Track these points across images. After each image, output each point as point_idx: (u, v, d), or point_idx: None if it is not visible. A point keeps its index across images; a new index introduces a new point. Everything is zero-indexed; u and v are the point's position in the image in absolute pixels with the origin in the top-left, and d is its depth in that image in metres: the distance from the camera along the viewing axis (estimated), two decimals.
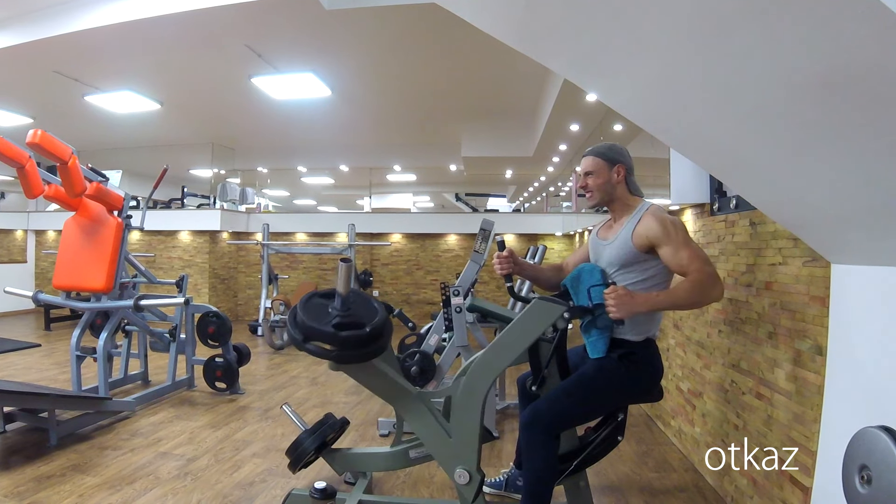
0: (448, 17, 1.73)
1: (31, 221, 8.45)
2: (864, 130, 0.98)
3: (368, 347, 1.67)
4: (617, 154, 1.85)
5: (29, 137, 2.77)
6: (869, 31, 0.77)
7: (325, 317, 1.66)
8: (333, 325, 1.62)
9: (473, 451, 1.73)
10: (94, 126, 7.04)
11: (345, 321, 1.64)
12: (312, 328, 1.60)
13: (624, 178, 1.84)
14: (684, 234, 1.67)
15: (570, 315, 1.64)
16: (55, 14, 4.24)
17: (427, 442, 1.81)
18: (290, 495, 2.06)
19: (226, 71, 5.29)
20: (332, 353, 1.63)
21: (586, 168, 1.87)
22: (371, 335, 1.65)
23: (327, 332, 1.59)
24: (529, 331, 1.65)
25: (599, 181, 1.84)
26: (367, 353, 1.67)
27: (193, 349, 4.01)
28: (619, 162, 1.84)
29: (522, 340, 1.66)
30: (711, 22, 0.96)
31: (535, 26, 1.33)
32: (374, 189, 10.22)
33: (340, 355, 1.64)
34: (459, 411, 1.74)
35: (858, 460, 1.18)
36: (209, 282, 7.53)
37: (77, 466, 2.51)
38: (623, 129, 5.01)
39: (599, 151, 1.86)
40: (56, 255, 3.44)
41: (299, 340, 1.60)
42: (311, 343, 1.61)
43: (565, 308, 1.63)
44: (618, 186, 1.84)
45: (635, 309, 1.60)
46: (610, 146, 1.88)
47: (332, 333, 1.59)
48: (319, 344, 1.63)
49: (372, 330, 1.65)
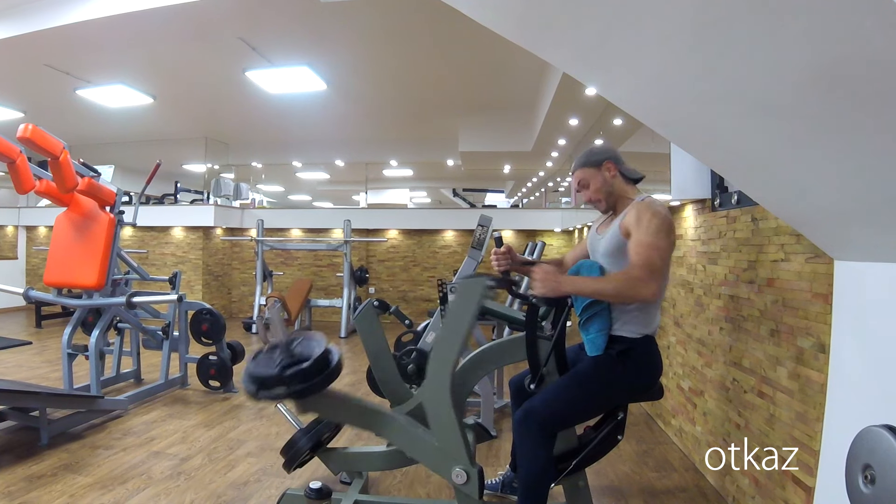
0: (445, 9, 1.70)
1: (21, 217, 8.37)
2: (868, 125, 0.96)
3: (316, 378, 1.72)
4: (599, 153, 1.84)
5: (20, 132, 2.74)
6: (873, 24, 0.75)
7: (271, 364, 1.72)
8: (279, 367, 1.68)
9: (461, 448, 1.70)
10: (86, 120, 6.97)
11: (290, 362, 1.70)
12: (260, 377, 1.66)
13: (617, 171, 1.83)
14: (655, 228, 1.62)
15: (494, 284, 1.67)
16: (46, 6, 4.18)
17: (415, 454, 1.80)
18: (285, 495, 2.04)
19: (219, 64, 5.24)
20: (284, 393, 1.68)
21: (579, 181, 1.86)
22: (315, 366, 1.71)
23: (274, 374, 1.66)
24: (465, 311, 1.66)
25: (596, 186, 1.83)
26: (317, 384, 1.71)
27: (187, 347, 3.98)
28: (605, 159, 1.83)
29: (462, 323, 1.67)
30: (712, 14, 0.94)
31: (534, 19, 1.30)
32: (370, 184, 10.18)
33: (291, 392, 1.68)
34: (433, 412, 1.74)
35: (862, 459, 1.16)
36: (203, 278, 7.49)
37: (68, 466, 2.48)
38: (623, 123, 4.98)
39: (582, 161, 1.86)
40: (47, 251, 3.40)
41: (253, 392, 1.67)
42: (263, 391, 1.66)
43: (486, 278, 1.66)
44: (614, 182, 1.83)
45: (560, 289, 1.61)
46: (590, 150, 1.88)
47: (279, 375, 1.65)
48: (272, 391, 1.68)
49: (315, 361, 1.71)
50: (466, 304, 1.66)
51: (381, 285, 8.01)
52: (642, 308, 1.70)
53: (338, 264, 7.47)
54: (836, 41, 0.82)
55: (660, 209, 1.68)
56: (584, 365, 1.73)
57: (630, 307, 1.69)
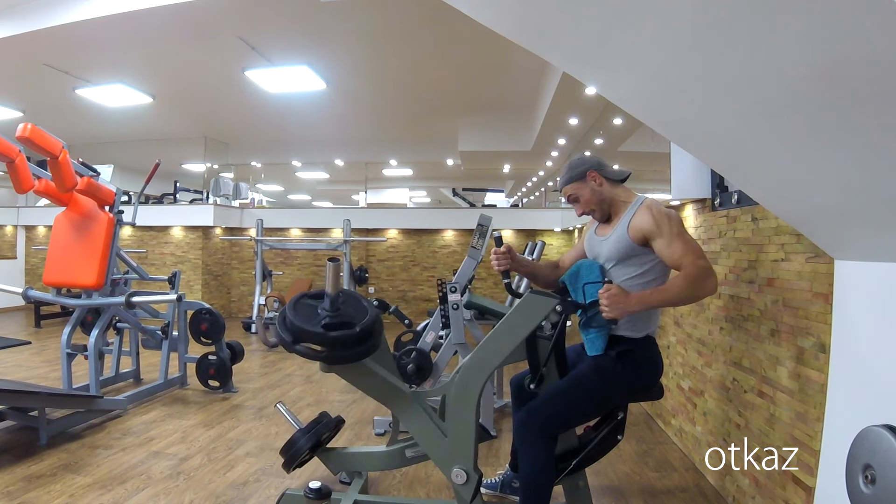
0: (445, 9, 1.69)
1: (21, 217, 8.36)
2: (869, 124, 0.96)
3: (359, 347, 1.65)
4: (579, 165, 1.84)
5: (19, 131, 2.74)
6: (873, 23, 0.75)
7: (314, 317, 1.64)
8: (323, 325, 1.60)
9: (470, 451, 1.70)
10: (85, 120, 6.95)
11: (334, 321, 1.62)
12: (302, 329, 1.58)
13: (602, 178, 1.82)
14: (678, 227, 1.65)
15: (562, 309, 1.63)
16: (45, 5, 4.17)
17: (422, 442, 1.79)
18: (285, 495, 2.03)
19: (219, 64, 5.22)
20: (322, 354, 1.62)
21: (569, 197, 1.87)
22: (361, 335, 1.64)
23: (316, 332, 1.58)
24: (522, 325, 1.63)
25: (587, 197, 1.83)
26: (357, 353, 1.65)
27: (186, 347, 3.98)
28: (587, 169, 1.82)
29: (515, 336, 1.64)
30: (713, 13, 0.94)
31: (534, 19, 1.30)
32: (369, 184, 10.17)
33: (331, 356, 1.62)
34: (454, 410, 1.72)
35: (862, 459, 1.17)
36: (202, 278, 7.48)
37: (68, 466, 2.48)
38: (623, 122, 4.97)
39: (566, 178, 1.86)
40: (46, 251, 3.39)
41: (289, 342, 1.58)
42: (301, 344, 1.59)
43: (557, 301, 1.62)
44: (603, 189, 1.82)
45: (629, 309, 1.58)
46: (568, 166, 1.87)
47: (322, 334, 1.57)
48: (309, 345, 1.61)
49: (362, 329, 1.63)
50: (528, 318, 1.62)
51: (381, 285, 8.01)
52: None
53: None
54: (835, 41, 0.82)
55: (665, 209, 1.70)
56: (583, 366, 1.73)
57: None
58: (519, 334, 1.64)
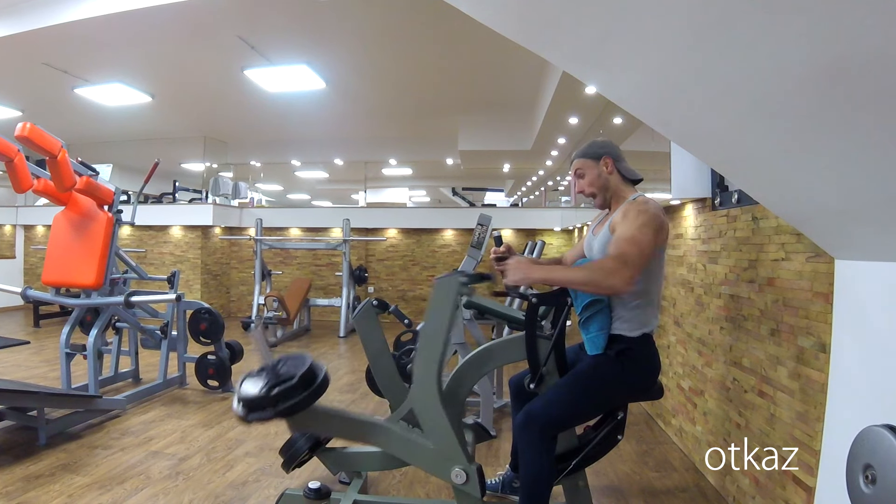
0: (445, 7, 1.69)
1: (19, 216, 8.35)
2: (869, 123, 0.96)
3: (303, 393, 1.72)
4: (599, 148, 1.86)
5: (18, 131, 2.74)
6: (873, 21, 0.75)
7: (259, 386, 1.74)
8: (266, 388, 1.70)
9: (458, 447, 1.70)
10: (84, 119, 6.94)
11: (276, 381, 1.71)
12: (249, 399, 1.67)
13: (614, 168, 1.83)
14: (640, 223, 1.61)
15: (467, 281, 1.69)
16: (44, 4, 4.16)
17: (413, 460, 1.80)
18: (284, 495, 2.03)
19: (218, 63, 5.22)
20: (273, 413, 1.68)
21: (576, 170, 1.88)
22: (301, 382, 1.71)
23: (260, 396, 1.67)
24: (442, 310, 1.68)
25: (591, 178, 1.84)
26: (303, 399, 1.71)
27: (185, 346, 3.97)
28: (604, 154, 1.83)
29: (442, 321, 1.68)
30: (712, 12, 0.94)
31: (534, 17, 1.29)
32: (369, 183, 10.17)
33: (280, 411, 1.68)
34: (425, 415, 1.74)
35: (863, 459, 1.16)
36: (201, 278, 7.47)
37: (66, 466, 2.47)
38: (623, 122, 4.97)
39: (583, 151, 1.88)
40: (45, 250, 3.39)
41: (244, 415, 1.67)
42: (252, 414, 1.67)
43: (461, 274, 1.69)
44: (611, 178, 1.83)
45: (530, 275, 1.63)
46: (591, 143, 1.89)
47: (265, 396, 1.67)
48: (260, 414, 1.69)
49: (300, 378, 1.71)
50: (443, 303, 1.68)
51: (381, 284, 8.00)
52: (641, 307, 1.69)
53: (337, 263, 7.46)
54: (835, 39, 0.82)
55: (649, 206, 1.68)
56: (582, 365, 1.73)
57: (629, 305, 1.69)
58: (444, 319, 1.68)
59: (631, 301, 1.68)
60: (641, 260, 1.57)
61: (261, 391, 1.67)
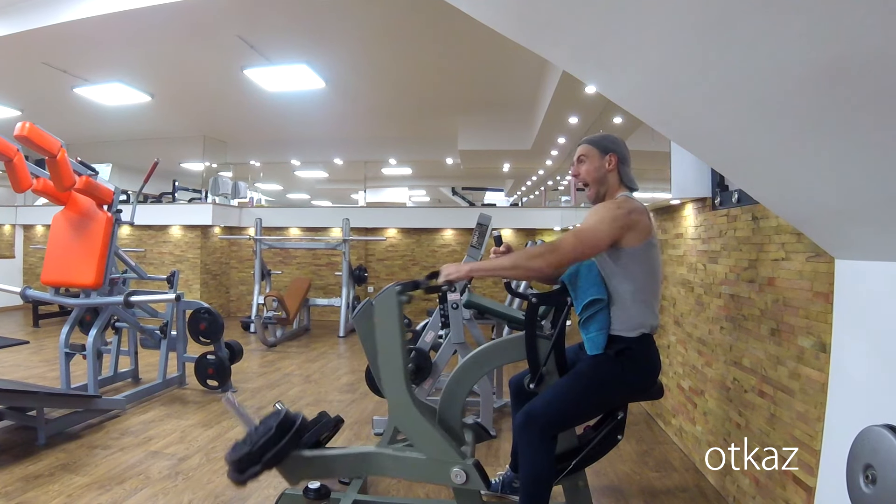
0: (445, 7, 1.69)
1: (19, 216, 8.34)
2: (869, 122, 0.95)
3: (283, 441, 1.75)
4: (610, 143, 1.85)
5: (17, 130, 2.73)
6: (874, 20, 0.75)
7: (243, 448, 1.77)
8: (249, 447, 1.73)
9: (448, 448, 1.70)
10: (84, 119, 6.94)
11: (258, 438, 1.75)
12: (237, 461, 1.71)
13: (616, 168, 1.82)
14: (598, 218, 1.66)
15: (401, 289, 1.69)
16: (43, 4, 4.16)
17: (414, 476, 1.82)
18: (284, 495, 2.03)
19: (218, 62, 5.21)
20: (261, 467, 1.70)
21: (579, 154, 1.87)
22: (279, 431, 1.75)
23: (246, 454, 1.71)
24: (388, 322, 1.70)
25: (590, 168, 1.83)
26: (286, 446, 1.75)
27: (185, 346, 3.97)
28: (612, 151, 1.83)
29: (392, 333, 1.70)
30: (712, 12, 0.93)
31: (534, 17, 1.29)
32: (368, 183, 10.17)
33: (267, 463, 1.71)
34: (406, 429, 1.75)
35: (863, 459, 1.16)
36: (201, 277, 7.47)
37: (66, 466, 2.47)
38: (623, 121, 4.97)
39: (593, 139, 1.87)
40: (45, 250, 3.39)
41: (238, 480, 1.70)
42: (243, 475, 1.70)
43: (395, 285, 1.71)
44: (609, 175, 1.82)
45: (461, 270, 1.66)
46: (604, 135, 1.89)
47: (250, 451, 1.71)
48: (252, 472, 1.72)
49: (277, 427, 1.75)
50: (387, 316, 1.70)
51: (380, 284, 7.99)
52: (640, 306, 1.69)
53: (336, 263, 7.46)
54: (836, 38, 0.82)
55: (621, 204, 1.70)
56: (582, 365, 1.73)
57: (628, 305, 1.69)
58: (394, 330, 1.70)
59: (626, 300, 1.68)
60: (577, 250, 1.61)
61: (245, 451, 1.71)
